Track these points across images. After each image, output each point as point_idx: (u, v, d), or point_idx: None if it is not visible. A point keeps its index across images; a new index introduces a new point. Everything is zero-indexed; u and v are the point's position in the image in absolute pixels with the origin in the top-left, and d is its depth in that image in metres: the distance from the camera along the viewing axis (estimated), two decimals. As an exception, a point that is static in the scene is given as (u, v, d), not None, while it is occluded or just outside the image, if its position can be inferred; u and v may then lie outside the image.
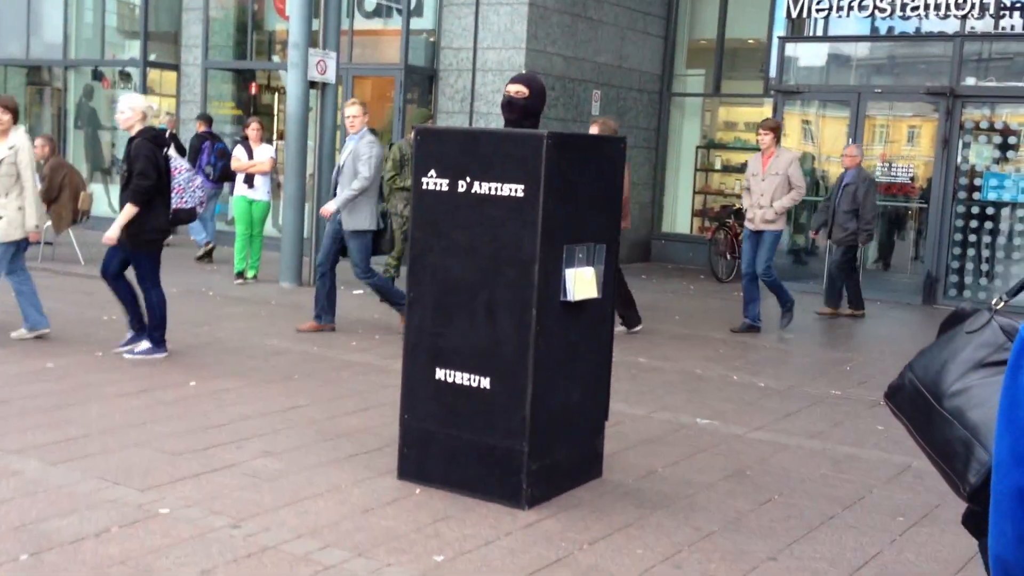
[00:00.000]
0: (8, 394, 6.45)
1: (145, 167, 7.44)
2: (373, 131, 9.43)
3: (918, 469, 5.78)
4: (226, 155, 13.11)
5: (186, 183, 9.15)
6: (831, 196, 11.58)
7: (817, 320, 11.57)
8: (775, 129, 9.95)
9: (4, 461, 5.19)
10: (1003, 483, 1.29)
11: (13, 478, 4.95)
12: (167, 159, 7.69)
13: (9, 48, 18.02)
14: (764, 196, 9.82)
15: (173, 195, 7.93)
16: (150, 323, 7.72)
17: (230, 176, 13.05)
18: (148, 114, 7.75)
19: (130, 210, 7.47)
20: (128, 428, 5.86)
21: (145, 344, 7.73)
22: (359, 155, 8.81)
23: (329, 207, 8.91)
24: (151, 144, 7.51)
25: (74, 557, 4.07)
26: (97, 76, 17.49)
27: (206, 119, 14.10)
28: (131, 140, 7.60)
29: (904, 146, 14.01)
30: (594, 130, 8.86)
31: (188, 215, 10.24)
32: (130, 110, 7.61)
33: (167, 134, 14.40)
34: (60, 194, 12.33)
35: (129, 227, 7.52)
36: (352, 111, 8.93)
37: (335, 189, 8.96)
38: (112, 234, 7.53)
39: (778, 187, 9.77)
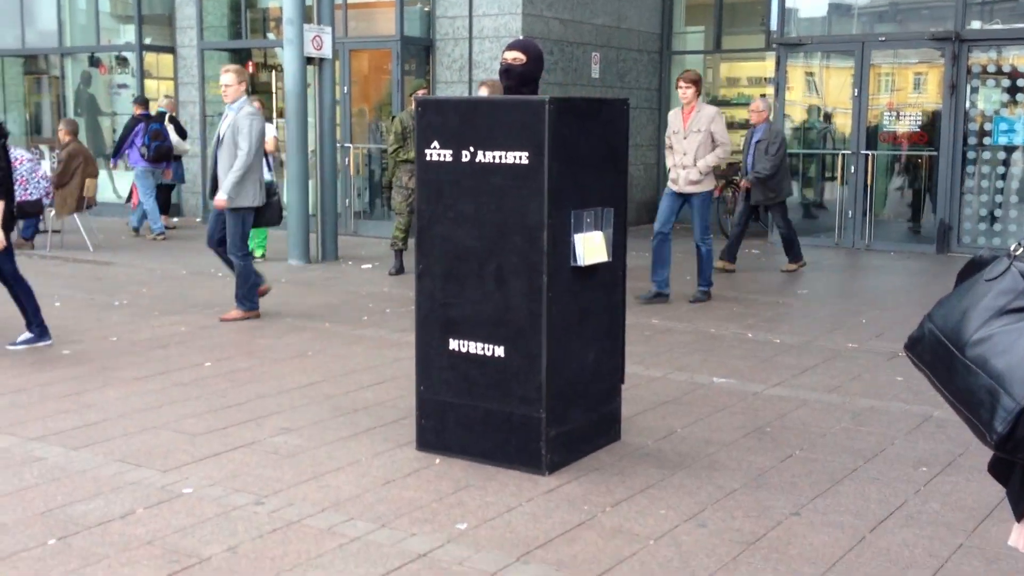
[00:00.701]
0: (26, 382, 6.47)
1: None
2: (264, 104, 8.87)
3: (939, 418, 5.76)
4: (160, 136, 13.61)
5: (28, 174, 9.18)
6: (744, 154, 11.39)
7: (829, 273, 11.53)
8: (696, 82, 9.26)
9: (27, 448, 5.20)
10: None
11: (36, 464, 4.96)
12: (5, 150, 7.18)
13: (4, 38, 17.95)
14: (687, 155, 9.21)
15: (16, 187, 7.66)
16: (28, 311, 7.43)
17: (167, 156, 13.56)
18: None
19: None
20: (146, 411, 5.87)
21: (26, 334, 7.48)
22: (239, 128, 8.16)
23: (220, 199, 8.19)
24: None
25: (102, 539, 4.09)
26: (94, 62, 17.42)
27: (142, 102, 14.54)
28: None
29: (911, 94, 13.89)
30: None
31: (33, 207, 10.28)
32: None
33: (167, 116, 14.44)
34: (70, 180, 12.37)
35: None
36: (225, 79, 8.22)
37: (214, 164, 8.33)
38: None
39: (701, 144, 9.15)
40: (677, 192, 9.36)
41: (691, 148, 9.19)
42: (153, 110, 14.96)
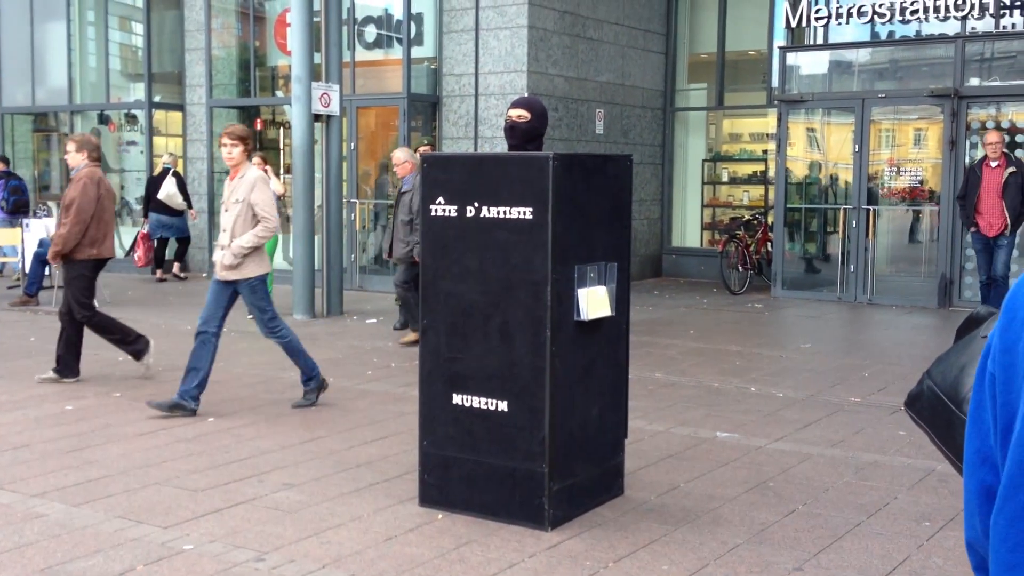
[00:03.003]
0: (29, 438, 6.47)
1: None
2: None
3: (942, 473, 5.74)
4: (19, 191, 14.79)
5: None
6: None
7: (831, 327, 11.55)
8: (244, 139, 7.15)
9: (27, 504, 5.20)
10: (971, 481, 1.34)
11: (37, 521, 4.96)
12: None
13: (15, 96, 18.18)
14: (226, 232, 7.10)
15: None
16: None
17: (23, 209, 14.71)
18: None
19: None
20: (148, 467, 5.87)
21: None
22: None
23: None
24: None
25: (100, 598, 4.08)
26: (103, 120, 17.63)
27: (3, 159, 15.49)
28: None
29: (911, 149, 14.00)
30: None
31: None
32: None
33: (171, 172, 14.68)
34: None
35: None
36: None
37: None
38: None
39: (239, 218, 7.05)
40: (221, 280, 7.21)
41: (229, 223, 7.09)
42: (158, 167, 15.24)
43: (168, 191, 14.80)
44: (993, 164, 11.26)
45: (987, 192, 11.24)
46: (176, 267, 15.58)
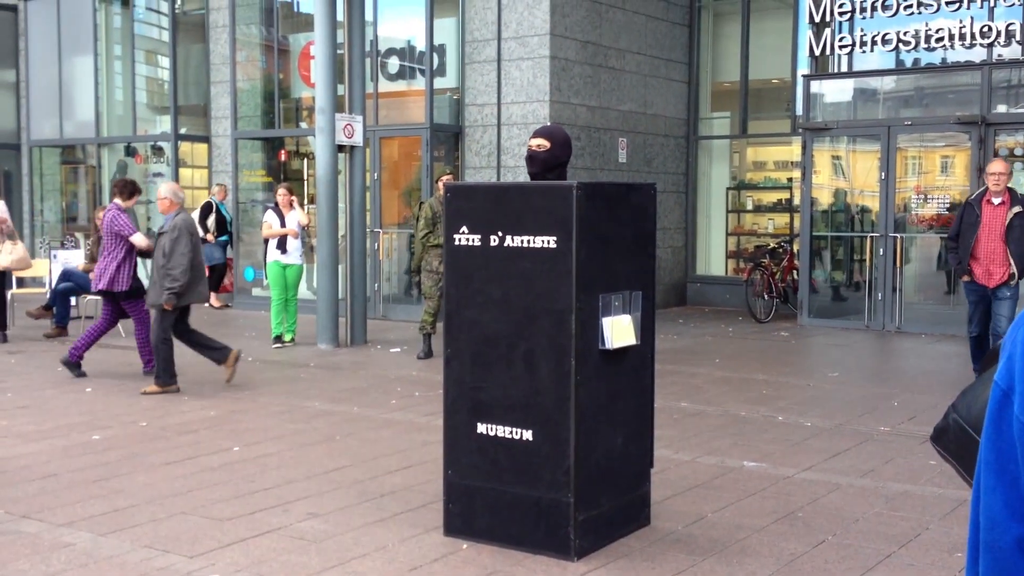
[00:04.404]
0: (56, 467, 6.49)
1: None
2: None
3: (973, 502, 5.65)
4: None
5: None
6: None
7: (860, 355, 11.45)
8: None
9: (55, 534, 5.21)
10: (1004, 538, 1.25)
11: (64, 551, 4.96)
12: None
13: (43, 129, 18.41)
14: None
15: None
16: None
17: None
18: None
19: None
20: (175, 496, 5.87)
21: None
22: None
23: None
24: None
25: (125, 629, 4.06)
26: (130, 152, 17.81)
27: None
28: None
29: (938, 176, 13.92)
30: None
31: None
32: None
33: (212, 207, 14.94)
34: None
35: None
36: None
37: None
38: None
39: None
40: None
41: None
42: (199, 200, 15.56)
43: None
44: (995, 201, 9.09)
45: (987, 234, 9.10)
46: (212, 297, 15.65)
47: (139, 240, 9.65)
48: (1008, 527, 1.25)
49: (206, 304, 15.64)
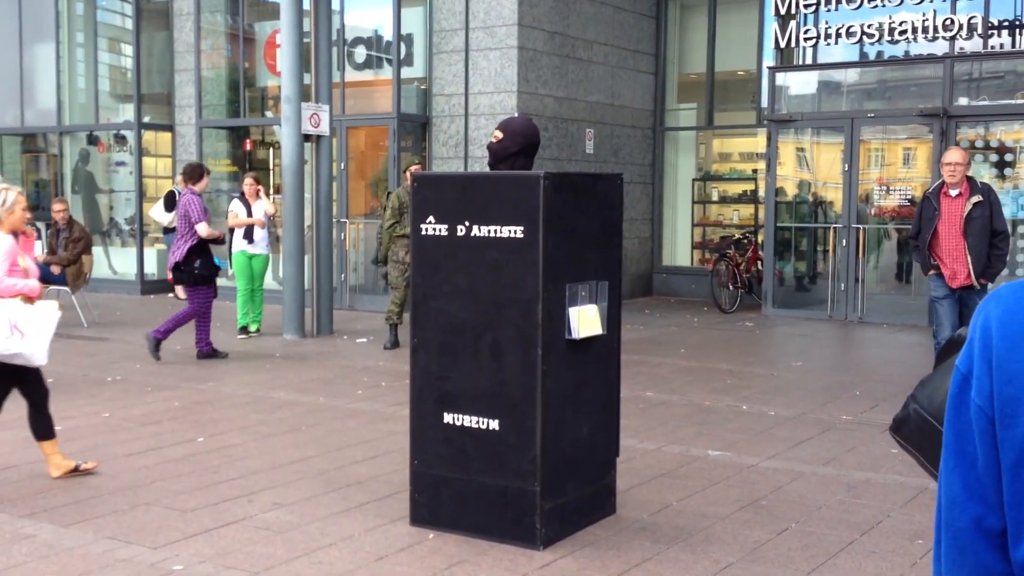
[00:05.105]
0: (17, 458, 6.42)
1: None
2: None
3: (935, 491, 5.72)
4: None
5: None
6: None
7: (822, 345, 11.55)
8: None
9: (15, 525, 5.15)
10: (962, 518, 1.28)
11: (25, 542, 4.91)
12: None
13: (4, 118, 18.15)
14: None
15: None
16: None
17: None
18: None
19: None
20: (138, 487, 5.83)
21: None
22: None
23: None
24: None
25: (88, 621, 4.03)
26: (92, 140, 17.61)
27: None
28: None
29: (900, 168, 14.06)
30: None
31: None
32: None
33: (176, 196, 14.80)
34: (77, 258, 12.56)
35: None
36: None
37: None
38: None
39: None
40: None
41: None
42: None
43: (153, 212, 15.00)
44: (953, 193, 8.35)
45: (946, 229, 8.37)
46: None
47: (202, 229, 9.90)
48: (965, 507, 1.28)
49: (170, 295, 15.54)
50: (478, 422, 4.94)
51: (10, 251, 5.82)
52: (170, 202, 15.01)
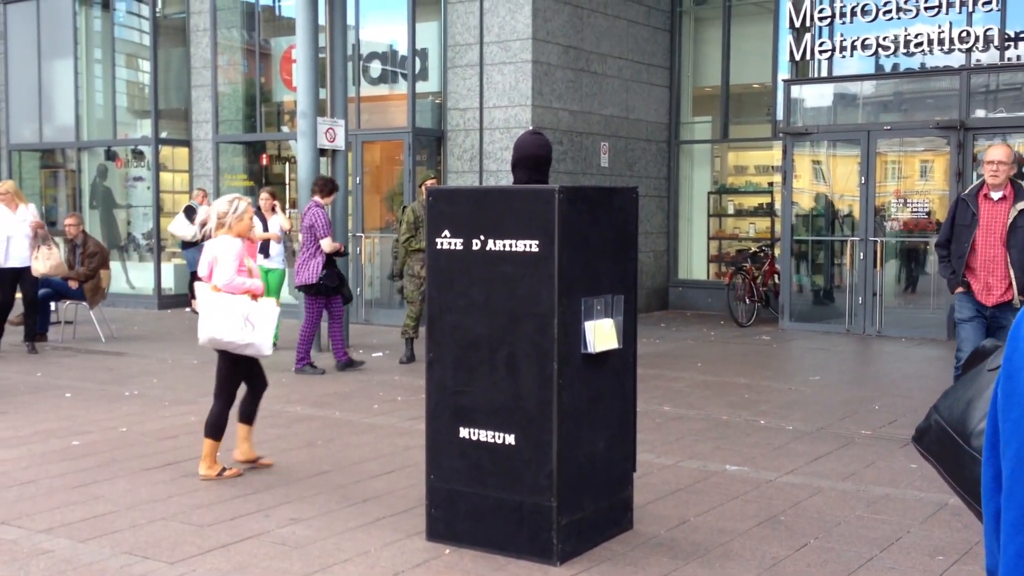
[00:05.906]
0: (35, 473, 6.44)
1: None
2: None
3: (955, 507, 5.68)
4: None
5: None
6: None
7: (840, 359, 11.49)
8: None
9: (33, 540, 5.16)
10: (988, 507, 1.32)
11: (43, 557, 4.92)
12: None
13: (23, 133, 18.29)
14: None
15: None
16: None
17: None
18: None
19: None
20: (155, 502, 5.83)
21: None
22: None
23: None
24: None
25: (105, 636, 4.03)
26: (110, 156, 17.71)
27: None
28: None
29: (917, 181, 14.00)
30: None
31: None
32: None
33: (194, 211, 14.87)
34: (95, 273, 12.62)
35: None
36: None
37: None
38: None
39: None
40: None
41: None
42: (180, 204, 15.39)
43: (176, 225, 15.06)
44: (995, 196, 7.15)
45: (984, 238, 7.15)
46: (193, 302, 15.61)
47: (326, 244, 10.09)
48: (991, 498, 1.33)
49: (187, 309, 15.59)
50: (494, 436, 4.92)
51: (239, 253, 6.37)
52: (189, 216, 15.09)
